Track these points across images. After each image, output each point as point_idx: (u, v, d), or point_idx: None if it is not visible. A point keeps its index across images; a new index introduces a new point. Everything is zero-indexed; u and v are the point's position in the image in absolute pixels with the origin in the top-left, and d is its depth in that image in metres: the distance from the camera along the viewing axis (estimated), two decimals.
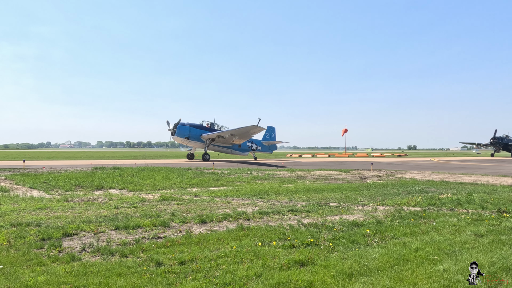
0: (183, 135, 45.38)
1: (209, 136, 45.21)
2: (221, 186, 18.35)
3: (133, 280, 5.60)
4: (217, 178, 21.18)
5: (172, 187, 17.48)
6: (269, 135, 57.76)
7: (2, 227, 8.51)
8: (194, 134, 45.70)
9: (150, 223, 9.18)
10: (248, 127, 42.51)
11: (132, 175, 21.45)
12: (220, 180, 20.31)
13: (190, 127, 45.69)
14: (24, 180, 18.35)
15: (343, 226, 9.29)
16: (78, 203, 12.28)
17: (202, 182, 19.38)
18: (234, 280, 5.59)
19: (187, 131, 45.32)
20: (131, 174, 22.20)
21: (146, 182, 18.71)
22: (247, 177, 22.36)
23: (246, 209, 11.67)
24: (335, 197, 14.47)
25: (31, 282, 5.41)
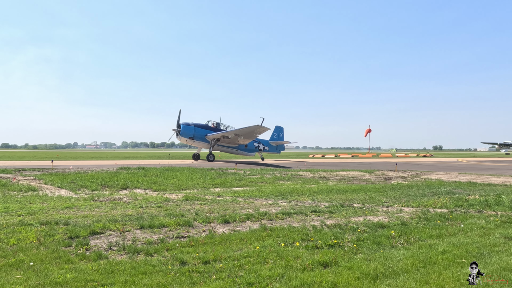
0: (187, 135, 44.89)
1: (214, 136, 44.76)
2: (243, 186, 18.41)
3: (158, 278, 5.68)
4: (240, 179, 21.26)
5: (195, 187, 17.65)
6: (277, 135, 56.79)
7: (32, 225, 8.77)
8: (199, 134, 45.21)
9: (174, 223, 9.29)
10: (252, 126, 42.01)
11: (156, 175, 21.75)
12: (242, 181, 20.38)
13: (195, 127, 45.24)
14: (52, 180, 18.85)
15: (367, 228, 9.18)
16: (104, 203, 12.54)
17: (225, 182, 19.49)
18: (258, 280, 5.60)
19: (192, 131, 44.86)
20: (155, 174, 22.52)
21: (170, 182, 18.94)
22: (269, 178, 22.36)
23: (269, 209, 11.67)
24: (358, 198, 14.32)
25: (60, 279, 5.55)
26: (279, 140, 56.52)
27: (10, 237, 7.76)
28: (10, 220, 9.36)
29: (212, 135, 44.80)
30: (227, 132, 44.14)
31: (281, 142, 56.74)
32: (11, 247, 7.14)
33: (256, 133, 43.89)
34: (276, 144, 55.87)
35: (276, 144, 55.95)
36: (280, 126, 57.24)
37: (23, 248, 7.04)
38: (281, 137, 57.20)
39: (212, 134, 44.83)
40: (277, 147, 56.45)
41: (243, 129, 42.88)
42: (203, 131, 45.64)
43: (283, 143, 57.80)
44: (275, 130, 56.89)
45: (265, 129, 42.47)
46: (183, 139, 45.80)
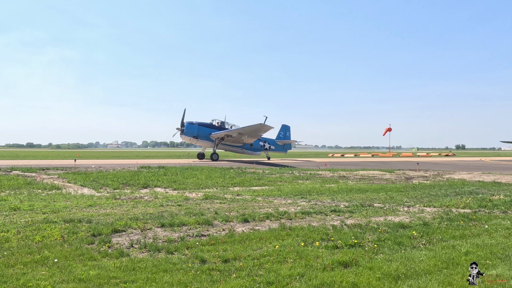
0: (191, 134, 44.68)
1: (217, 135, 44.46)
2: (262, 185, 18.43)
3: (178, 276, 5.74)
4: (259, 178, 21.29)
5: (214, 186, 17.75)
6: (283, 134, 55.78)
7: (56, 223, 8.97)
8: (203, 133, 44.94)
9: (194, 221, 9.38)
10: (255, 125, 41.53)
11: (176, 174, 21.97)
12: (261, 180, 20.40)
13: (198, 126, 44.98)
14: (75, 179, 19.24)
15: (388, 228, 9.07)
16: (126, 201, 12.73)
17: (244, 181, 19.54)
18: (278, 280, 5.60)
19: (195, 130, 44.65)
20: (175, 173, 22.74)
21: (190, 181, 19.10)
22: (288, 177, 22.32)
23: (288, 208, 11.65)
24: (379, 198, 14.16)
25: (83, 275, 5.67)
26: (285, 139, 55.34)
27: (35, 234, 7.96)
28: (35, 217, 9.61)
29: (216, 134, 44.54)
30: (231, 131, 43.82)
31: (288, 141, 55.51)
32: (36, 244, 7.33)
33: (260, 131, 43.27)
34: (282, 143, 54.85)
35: (283, 143, 54.87)
36: (286, 125, 56.04)
37: (48, 245, 7.21)
38: (287, 136, 56.03)
39: (216, 133, 44.56)
40: (283, 146, 55.38)
41: (246, 127, 42.55)
42: (207, 130, 45.35)
43: (290, 142, 56.77)
44: (282, 129, 55.93)
45: (268, 127, 41.83)
46: (187, 138, 45.62)
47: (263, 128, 42.01)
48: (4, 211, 10.45)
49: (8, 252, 6.75)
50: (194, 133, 44.66)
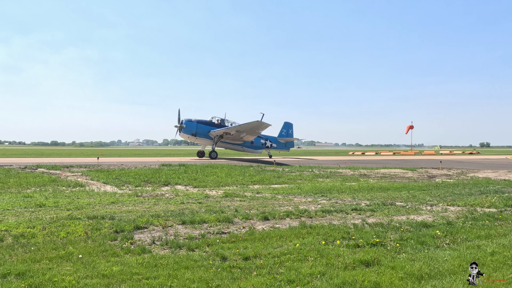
0: (189, 132, 44.06)
1: (216, 132, 43.77)
2: (282, 183, 18.39)
3: (200, 273, 5.78)
4: (278, 176, 21.26)
5: (234, 184, 17.81)
6: (285, 132, 54.60)
7: (80, 220, 9.16)
8: (202, 130, 44.30)
9: (214, 219, 9.42)
10: (253, 122, 40.80)
11: (196, 172, 22.13)
12: (281, 178, 20.36)
13: (197, 123, 44.31)
14: (98, 176, 19.59)
15: (410, 227, 8.93)
16: (147, 198, 12.89)
17: (264, 179, 19.54)
18: (298, 278, 5.58)
19: (194, 127, 44.00)
20: (195, 171, 22.91)
21: (210, 178, 19.21)
22: (308, 175, 22.22)
23: (308, 207, 11.60)
24: (401, 196, 13.95)
25: (106, 271, 5.77)
26: (288, 137, 54.34)
27: (60, 230, 8.14)
28: (60, 214, 9.82)
29: (215, 132, 43.90)
30: (229, 129, 43.08)
31: (290, 139, 54.05)
32: (61, 240, 7.49)
33: (258, 129, 42.54)
34: (284, 141, 53.81)
35: (285, 141, 53.86)
36: (289, 122, 55.03)
37: (72, 241, 7.37)
38: (290, 133, 54.91)
39: (215, 131, 43.90)
40: (286, 144, 54.19)
41: (244, 125, 41.91)
42: (206, 127, 44.66)
43: (292, 140, 55.76)
44: (284, 126, 54.90)
45: (266, 125, 40.85)
46: (185, 136, 45.10)
47: (261, 126, 41.19)
48: (30, 207, 10.72)
49: (34, 247, 6.92)
50: (192, 130, 44.09)
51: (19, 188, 14.95)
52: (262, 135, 49.72)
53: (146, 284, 5.32)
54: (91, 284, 5.31)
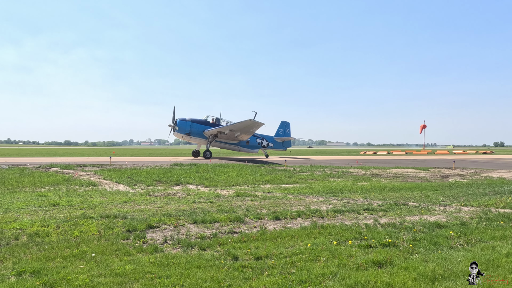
0: (183, 131, 43.38)
1: (210, 132, 43.05)
2: (293, 183, 18.35)
3: (211, 272, 5.79)
4: (290, 175, 21.22)
5: (245, 183, 17.82)
6: (282, 131, 53.62)
7: (93, 219, 9.25)
8: (196, 130, 43.53)
9: (226, 218, 9.44)
10: (245, 121, 40.11)
11: (207, 171, 22.19)
12: (292, 177, 20.32)
13: (191, 122, 43.53)
14: (110, 175, 19.77)
15: (423, 227, 8.84)
16: (159, 198, 12.97)
17: (275, 179, 19.52)
18: (310, 278, 5.56)
19: (188, 126, 43.27)
20: (206, 170, 22.98)
21: (221, 178, 19.25)
22: (319, 175, 22.14)
23: (320, 207, 11.56)
24: (413, 197, 13.82)
25: (119, 270, 5.82)
26: (285, 136, 53.27)
27: (73, 229, 8.23)
28: (73, 213, 9.93)
29: (209, 131, 43.19)
30: (222, 128, 42.32)
31: (287, 138, 53.19)
32: (75, 238, 7.58)
33: (251, 128, 41.70)
34: (281, 140, 52.73)
35: (282, 140, 52.78)
36: (286, 122, 54.23)
37: (85, 240, 7.44)
38: (287, 133, 53.94)
39: (209, 130, 43.21)
40: (283, 144, 53.32)
41: (237, 124, 41.21)
42: (200, 126, 43.89)
43: (289, 139, 54.79)
44: (281, 125, 53.95)
45: (260, 124, 40.05)
46: (179, 135, 44.54)
47: (254, 125, 40.58)
48: (45, 206, 10.86)
49: (48, 246, 7.01)
50: (186, 130, 43.41)
51: (33, 187, 15.16)
52: (258, 135, 49.07)
53: (159, 283, 5.35)
54: (104, 282, 5.36)
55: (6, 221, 8.79)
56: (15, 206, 10.78)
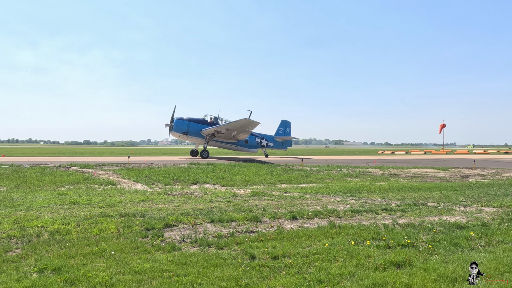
0: (180, 131, 42.76)
1: (208, 131, 42.51)
2: (310, 183, 18.28)
3: (229, 271, 5.81)
4: (306, 175, 21.14)
5: (262, 183, 17.82)
6: (283, 130, 52.48)
7: (112, 217, 9.38)
8: (193, 129, 42.90)
9: (242, 218, 9.46)
10: (241, 120, 39.49)
11: (224, 171, 22.28)
12: (309, 177, 20.24)
13: (188, 121, 42.89)
14: (129, 175, 20.02)
15: (443, 228, 8.71)
16: (177, 197, 13.08)
17: (291, 178, 19.48)
18: (328, 278, 5.53)
19: (185, 126, 42.66)
20: (223, 169, 23.07)
21: (237, 177, 19.30)
22: (336, 174, 22.00)
23: (337, 206, 11.48)
24: (433, 197, 13.62)
25: (138, 268, 5.88)
26: (285, 136, 52.11)
27: (93, 227, 8.37)
28: (93, 211, 10.10)
29: (206, 130, 42.60)
30: (219, 127, 41.72)
31: (287, 138, 52.20)
32: (94, 236, 7.70)
33: (248, 127, 40.98)
34: (282, 139, 51.60)
35: (282, 139, 51.65)
36: (286, 121, 53.10)
37: (105, 238, 7.55)
38: (287, 132, 52.72)
39: (207, 129, 42.59)
40: (283, 143, 52.20)
41: (232, 123, 40.63)
42: (198, 126, 43.19)
43: (290, 139, 53.31)
44: (281, 124, 52.86)
45: (256, 123, 39.54)
46: (176, 135, 44.05)
47: (250, 124, 39.95)
48: (65, 204, 11.07)
49: (69, 243, 7.14)
50: (183, 129, 42.82)
51: (54, 186, 15.46)
52: (258, 134, 48.34)
53: (177, 281, 5.40)
54: (123, 280, 5.44)
55: (28, 219, 8.99)
56: (36, 204, 11.01)
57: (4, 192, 13.49)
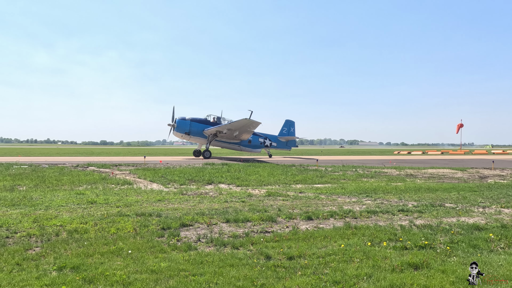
0: (182, 131, 42.43)
1: (210, 131, 42.06)
2: (325, 183, 18.18)
3: (244, 271, 5.82)
4: (321, 175, 21.04)
5: (276, 183, 17.80)
6: (287, 130, 51.71)
7: (129, 216, 9.49)
8: (196, 129, 42.60)
9: (258, 218, 9.47)
10: (241, 120, 39.13)
11: (239, 171, 22.32)
12: (324, 177, 20.14)
13: (191, 121, 42.60)
14: (145, 174, 20.21)
15: (461, 229, 8.57)
16: (192, 196, 13.16)
17: (306, 179, 19.40)
18: (344, 279, 5.50)
19: (187, 126, 42.29)
20: (238, 169, 23.12)
21: (252, 177, 19.32)
22: (352, 175, 21.84)
23: (353, 207, 11.40)
24: (450, 198, 13.41)
25: (155, 267, 5.94)
26: (289, 136, 51.43)
27: (110, 226, 8.47)
28: (110, 211, 10.22)
29: (208, 130, 42.27)
30: (220, 127, 41.37)
31: (291, 138, 51.55)
32: (112, 235, 7.79)
33: (249, 127, 40.54)
34: (286, 139, 50.96)
35: (286, 139, 51.01)
36: (291, 120, 52.33)
37: (122, 237, 7.64)
38: (291, 132, 51.93)
39: (209, 129, 42.27)
40: (287, 143, 51.54)
41: (234, 123, 40.28)
42: (200, 126, 42.90)
43: (293, 139, 52.45)
44: (285, 124, 52.08)
45: (257, 123, 39.25)
46: (179, 135, 43.74)
47: (252, 124, 39.52)
48: (83, 204, 11.24)
49: (87, 242, 7.25)
50: (186, 129, 42.51)
51: (72, 185, 15.69)
52: (261, 134, 47.97)
53: (193, 281, 5.43)
54: (140, 279, 5.49)
55: (47, 218, 9.15)
56: (55, 203, 11.20)
57: (24, 191, 13.76)
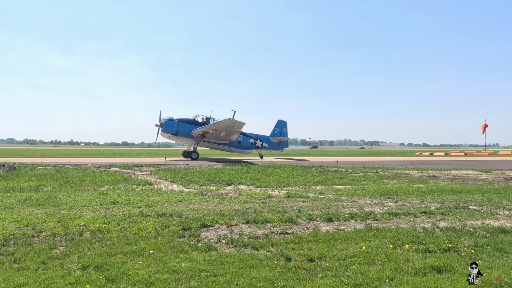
0: (170, 131, 41.89)
1: (197, 131, 41.49)
2: (345, 184, 18.03)
3: (265, 273, 5.82)
4: (341, 177, 20.87)
5: (296, 184, 17.74)
6: (279, 131, 50.40)
7: (150, 217, 9.61)
8: (183, 129, 41.99)
9: (277, 219, 9.46)
10: (225, 121, 38.51)
11: (258, 172, 22.34)
12: (344, 179, 19.97)
13: (178, 122, 41.95)
14: (165, 175, 20.43)
15: (486, 232, 8.37)
16: (212, 197, 13.23)
17: (326, 180, 19.28)
18: (366, 282, 5.44)
19: (175, 126, 41.77)
20: (257, 171, 23.14)
21: (272, 178, 19.30)
22: (372, 176, 21.59)
23: (374, 209, 11.27)
24: (475, 200, 13.11)
25: (176, 267, 5.99)
26: (281, 136, 50.21)
27: (132, 226, 8.59)
28: (132, 211, 10.37)
29: (196, 131, 41.67)
30: (206, 127, 40.72)
31: (283, 138, 50.30)
32: (134, 235, 7.90)
33: (234, 127, 39.87)
34: (277, 140, 49.71)
35: (278, 140, 49.77)
36: (283, 121, 50.97)
37: (143, 237, 7.74)
38: (284, 132, 50.62)
39: (196, 130, 41.67)
40: (279, 144, 50.29)
41: (218, 123, 39.59)
42: (188, 126, 42.22)
43: (286, 139, 51.26)
44: (277, 125, 50.79)
45: (241, 123, 38.76)
46: (166, 135, 43.09)
47: (236, 124, 38.96)
48: (105, 204, 11.43)
49: (110, 242, 7.37)
50: (173, 129, 41.98)
51: (95, 186, 15.99)
52: (252, 134, 47.23)
53: (214, 281, 5.46)
54: (162, 279, 5.55)
55: (71, 218, 9.35)
56: (78, 203, 11.43)
57: (49, 191, 14.09)
